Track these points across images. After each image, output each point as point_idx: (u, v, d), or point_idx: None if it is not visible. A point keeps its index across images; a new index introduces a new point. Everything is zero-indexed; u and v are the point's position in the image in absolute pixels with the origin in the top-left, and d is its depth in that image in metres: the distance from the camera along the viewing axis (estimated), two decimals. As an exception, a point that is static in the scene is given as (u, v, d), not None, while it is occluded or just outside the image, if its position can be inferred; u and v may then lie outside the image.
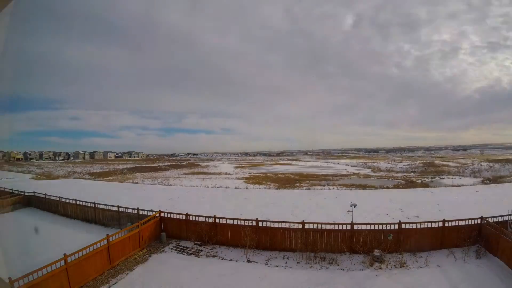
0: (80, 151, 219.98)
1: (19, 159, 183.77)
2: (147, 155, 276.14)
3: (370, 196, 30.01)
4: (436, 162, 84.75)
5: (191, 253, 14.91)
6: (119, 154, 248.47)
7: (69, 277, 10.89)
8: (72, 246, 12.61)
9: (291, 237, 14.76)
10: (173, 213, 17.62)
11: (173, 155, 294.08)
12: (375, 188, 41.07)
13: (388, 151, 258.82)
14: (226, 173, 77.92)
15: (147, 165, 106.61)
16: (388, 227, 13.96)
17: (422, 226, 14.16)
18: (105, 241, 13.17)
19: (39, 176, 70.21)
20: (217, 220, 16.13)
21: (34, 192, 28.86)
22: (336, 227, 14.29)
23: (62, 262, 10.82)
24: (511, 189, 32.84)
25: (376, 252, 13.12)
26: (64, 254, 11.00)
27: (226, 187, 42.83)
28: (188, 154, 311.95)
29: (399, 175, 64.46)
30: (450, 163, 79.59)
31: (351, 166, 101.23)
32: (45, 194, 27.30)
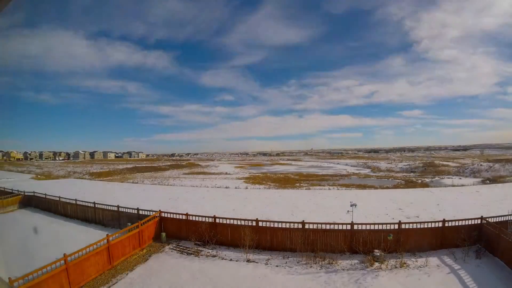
0: (80, 151, 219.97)
1: (19, 159, 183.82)
2: (147, 155, 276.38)
3: (370, 196, 30.00)
4: (436, 162, 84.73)
5: (191, 253, 14.90)
6: (119, 154, 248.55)
7: (69, 277, 10.89)
8: (72, 246, 12.61)
9: (291, 237, 14.75)
10: (173, 213, 17.62)
11: (173, 155, 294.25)
12: (375, 188, 41.07)
13: (388, 151, 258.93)
14: (226, 173, 77.94)
15: (147, 165, 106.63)
16: (388, 227, 13.96)
17: (422, 226, 14.17)
18: (105, 241, 13.17)
19: (39, 176, 70.24)
20: (217, 220, 16.12)
21: (34, 192, 28.87)
22: (336, 227, 14.29)
23: (62, 262, 10.81)
24: (511, 189, 32.82)
25: (376, 252, 13.11)
26: (64, 254, 10.99)
27: (226, 187, 42.83)
28: (188, 154, 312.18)
29: (399, 175, 64.49)
30: (450, 163, 79.58)
31: (351, 166, 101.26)
32: (45, 194, 27.31)
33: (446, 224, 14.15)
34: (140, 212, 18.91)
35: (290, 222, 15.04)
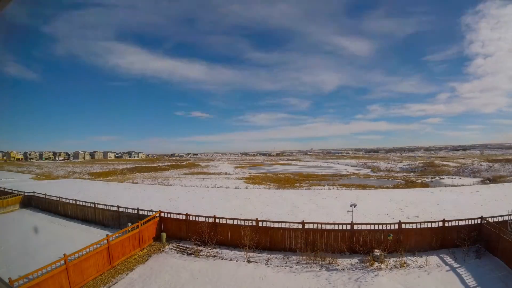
0: (80, 151, 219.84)
1: (19, 159, 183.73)
2: (147, 155, 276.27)
3: (370, 196, 29.99)
4: (436, 162, 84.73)
5: (191, 253, 14.91)
6: (119, 154, 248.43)
7: (69, 277, 10.89)
8: (72, 246, 12.62)
9: (291, 237, 14.76)
10: (173, 213, 17.63)
11: (173, 155, 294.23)
12: (375, 188, 41.08)
13: (388, 151, 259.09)
14: (226, 173, 77.92)
15: (147, 165, 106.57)
16: (388, 227, 13.97)
17: (422, 226, 14.17)
18: (105, 241, 13.17)
19: (39, 176, 70.20)
20: (217, 220, 16.13)
21: (34, 192, 28.87)
22: (336, 227, 14.30)
23: (62, 262, 10.82)
24: (511, 189, 32.83)
25: (376, 252, 13.12)
26: (64, 254, 10.99)
27: (226, 187, 42.82)
28: (188, 154, 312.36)
29: (399, 175, 64.49)
30: (450, 163, 79.59)
31: (351, 166, 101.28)
32: (45, 194, 27.31)
33: (446, 224, 14.16)
34: (140, 212, 18.91)
35: (290, 222, 15.05)
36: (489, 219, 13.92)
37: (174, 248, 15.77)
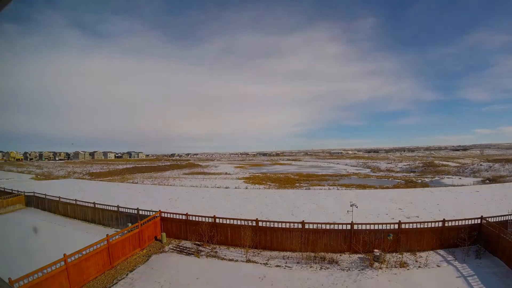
0: (80, 151, 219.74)
1: (19, 159, 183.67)
2: (147, 155, 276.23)
3: (370, 196, 29.98)
4: (436, 162, 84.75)
5: (191, 253, 14.91)
6: (119, 154, 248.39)
7: (69, 278, 10.88)
8: (72, 246, 12.59)
9: (291, 237, 14.76)
10: (173, 213, 17.63)
11: (172, 155, 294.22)
12: (375, 188, 41.07)
13: (388, 151, 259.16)
14: (226, 173, 77.93)
15: (147, 165, 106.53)
16: (388, 227, 13.97)
17: (422, 226, 14.18)
18: (105, 241, 13.16)
19: (39, 176, 70.19)
20: (217, 220, 16.13)
21: (34, 192, 28.86)
22: (336, 227, 14.31)
23: (62, 263, 10.80)
24: (511, 189, 32.82)
25: (376, 252, 13.12)
26: (64, 254, 10.99)
27: (226, 187, 42.82)
28: (188, 154, 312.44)
29: (399, 175, 64.51)
30: (450, 163, 79.60)
31: (351, 166, 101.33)
32: (45, 194, 27.31)
33: (446, 224, 14.17)
34: (140, 212, 18.92)
35: (290, 222, 15.05)
36: (489, 219, 13.93)
37: (175, 248, 15.77)
